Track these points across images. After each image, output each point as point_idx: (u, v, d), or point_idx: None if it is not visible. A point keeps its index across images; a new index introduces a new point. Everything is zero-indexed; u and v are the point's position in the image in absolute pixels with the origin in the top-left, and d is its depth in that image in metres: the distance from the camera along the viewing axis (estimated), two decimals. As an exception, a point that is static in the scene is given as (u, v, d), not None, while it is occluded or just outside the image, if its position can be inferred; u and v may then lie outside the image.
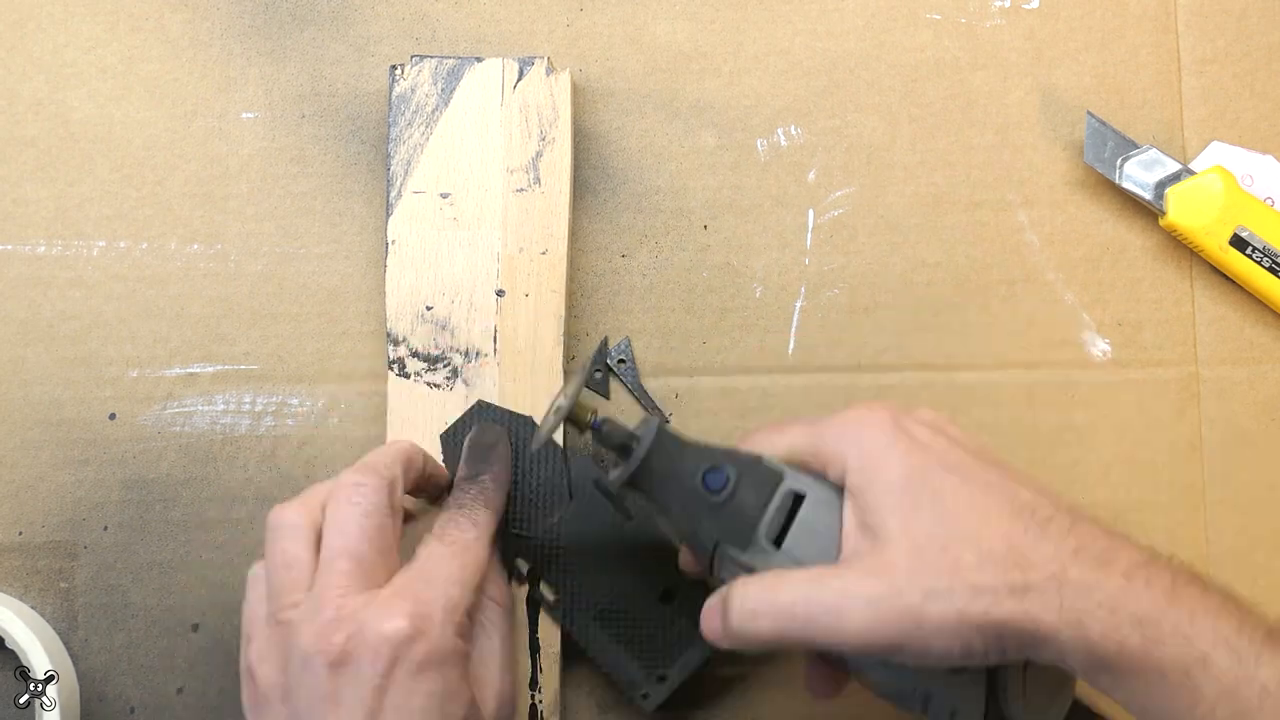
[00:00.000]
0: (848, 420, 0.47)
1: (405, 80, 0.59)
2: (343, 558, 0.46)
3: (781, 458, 0.48)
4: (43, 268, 0.61)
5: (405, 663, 0.44)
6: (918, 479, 0.45)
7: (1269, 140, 0.62)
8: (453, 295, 0.58)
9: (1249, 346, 0.61)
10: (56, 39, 0.62)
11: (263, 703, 0.46)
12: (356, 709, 0.44)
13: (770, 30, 0.63)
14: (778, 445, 0.49)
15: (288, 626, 0.45)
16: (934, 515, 0.44)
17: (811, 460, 0.48)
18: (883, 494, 0.45)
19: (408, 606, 0.45)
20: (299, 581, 0.47)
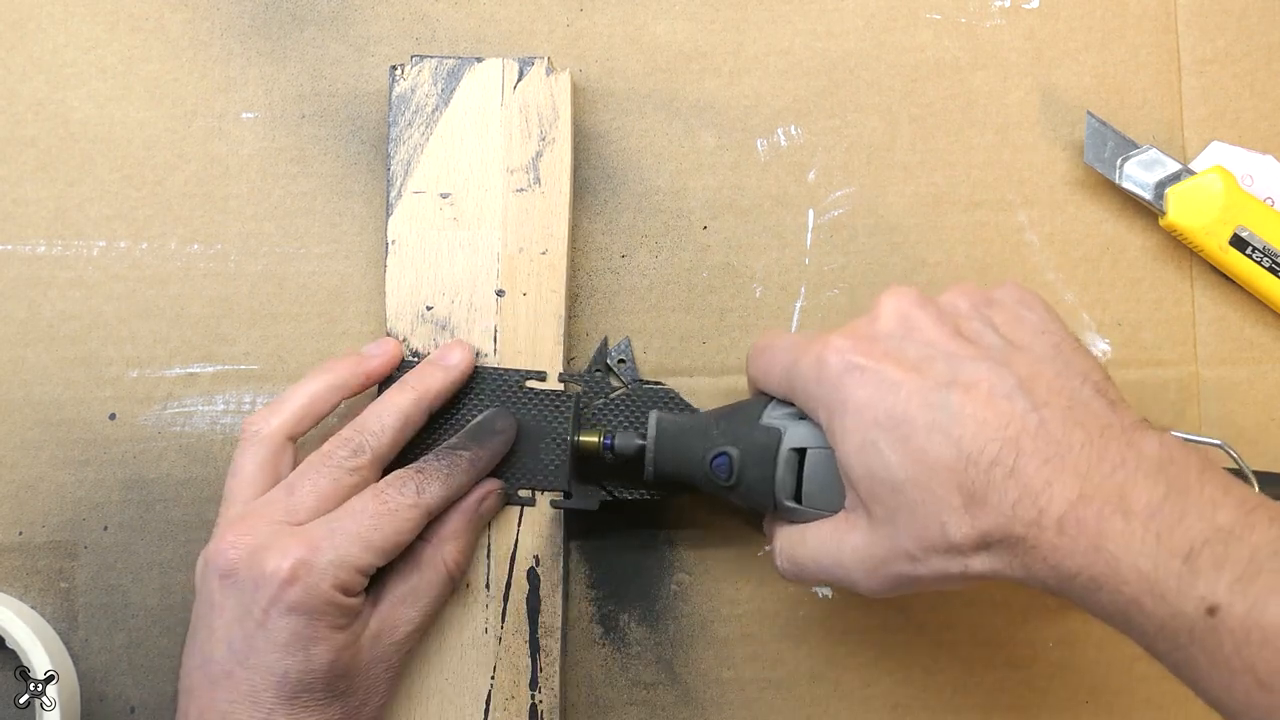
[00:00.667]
0: (806, 375, 0.48)
1: (405, 80, 0.59)
2: (285, 495, 0.51)
3: (773, 389, 0.51)
4: (43, 268, 0.61)
5: (279, 602, 0.48)
6: (869, 444, 0.45)
7: (1269, 140, 0.62)
8: (453, 295, 0.58)
9: (1249, 346, 0.61)
10: (56, 39, 0.62)
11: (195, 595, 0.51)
12: (233, 625, 0.48)
13: (770, 30, 0.63)
14: (770, 378, 0.51)
15: (216, 529, 0.52)
16: (890, 483, 0.45)
17: (793, 400, 0.50)
18: (848, 459, 0.46)
19: (297, 551, 0.48)
20: (238, 491, 0.52)
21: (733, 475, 0.50)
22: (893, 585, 0.46)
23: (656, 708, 0.59)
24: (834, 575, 0.48)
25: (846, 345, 0.47)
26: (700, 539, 0.60)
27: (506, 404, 0.57)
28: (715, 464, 0.50)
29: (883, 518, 0.46)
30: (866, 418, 0.45)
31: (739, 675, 0.59)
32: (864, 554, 0.47)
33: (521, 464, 0.56)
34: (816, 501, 0.49)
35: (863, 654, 0.59)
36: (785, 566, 0.50)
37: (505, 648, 0.56)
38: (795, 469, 0.49)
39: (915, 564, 0.45)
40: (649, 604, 0.59)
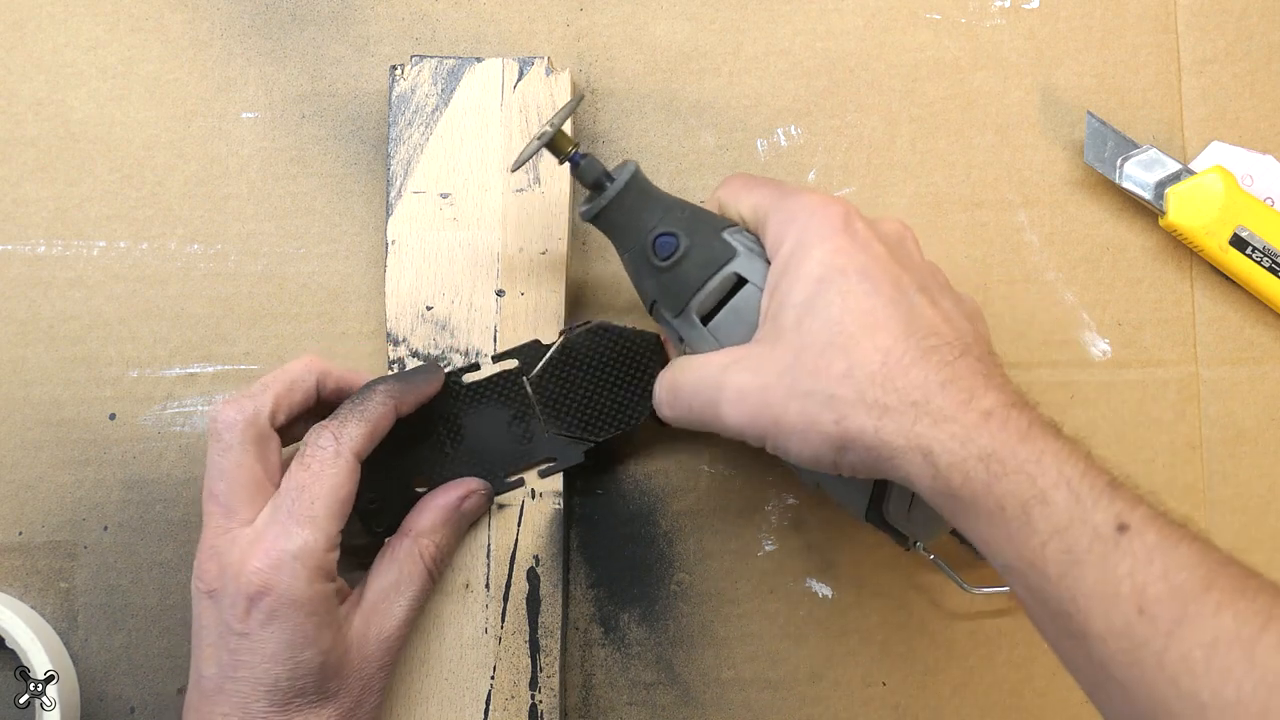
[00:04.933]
0: (803, 203, 0.49)
1: (405, 80, 0.59)
2: (210, 499, 0.50)
3: (742, 216, 0.51)
4: (43, 268, 0.61)
5: (257, 611, 0.48)
6: (828, 280, 0.46)
7: (1269, 140, 0.62)
8: (453, 295, 0.58)
9: (1249, 346, 0.61)
10: (56, 39, 0.62)
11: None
12: (218, 642, 0.48)
13: (770, 30, 0.63)
14: (742, 203, 0.51)
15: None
16: (826, 319, 0.45)
17: (760, 231, 0.50)
18: (793, 285, 0.46)
19: (261, 558, 0.48)
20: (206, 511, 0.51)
21: (670, 259, 0.50)
22: (758, 423, 0.46)
23: (656, 708, 0.59)
24: (706, 406, 0.48)
25: (853, 208, 0.49)
26: (700, 539, 0.60)
27: (455, 406, 0.56)
28: (660, 240, 0.50)
29: (789, 351, 0.46)
30: (838, 260, 0.46)
31: (739, 675, 0.59)
32: (747, 385, 0.47)
33: (495, 455, 0.56)
34: (720, 332, 0.49)
35: (863, 654, 0.59)
36: (662, 396, 0.51)
37: (505, 648, 0.56)
38: (723, 294, 0.49)
39: (793, 403, 0.45)
40: (649, 604, 0.59)
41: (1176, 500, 0.60)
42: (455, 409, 0.56)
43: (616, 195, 0.51)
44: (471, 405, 0.57)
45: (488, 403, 0.57)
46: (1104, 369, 0.61)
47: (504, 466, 0.57)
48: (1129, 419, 0.60)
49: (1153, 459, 0.60)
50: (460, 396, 0.57)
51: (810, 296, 0.46)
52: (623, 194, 0.51)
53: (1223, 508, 0.60)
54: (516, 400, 0.57)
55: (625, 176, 0.51)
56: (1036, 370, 0.61)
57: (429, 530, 0.54)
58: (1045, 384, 0.61)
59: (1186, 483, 0.60)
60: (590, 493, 0.60)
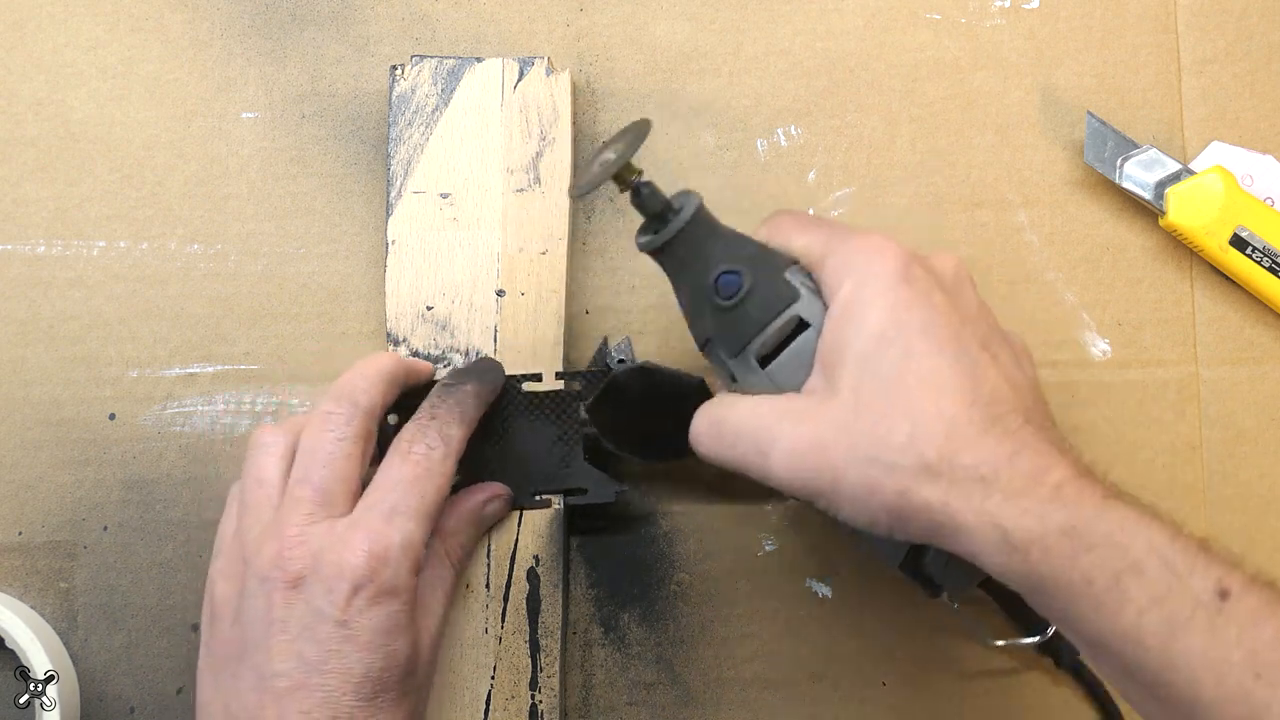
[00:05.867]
0: (859, 247, 0.46)
1: (405, 80, 0.59)
2: (305, 485, 0.48)
3: (796, 253, 0.49)
4: (43, 268, 0.61)
5: (359, 598, 0.46)
6: (888, 337, 0.44)
7: (1269, 140, 0.62)
8: (453, 295, 0.58)
9: (1249, 346, 0.61)
10: (56, 39, 0.62)
11: (216, 619, 0.48)
12: (304, 635, 0.46)
13: (770, 30, 0.63)
14: (793, 243, 0.49)
15: (251, 544, 0.48)
16: (888, 379, 0.44)
17: (815, 269, 0.48)
18: (852, 339, 0.45)
19: (365, 543, 0.46)
20: (268, 499, 0.49)
21: (735, 297, 0.47)
22: (812, 483, 0.44)
23: (656, 708, 0.59)
24: (754, 453, 0.46)
25: (909, 254, 0.46)
26: (700, 539, 0.60)
27: (506, 409, 0.56)
28: (724, 279, 0.47)
29: (848, 411, 0.44)
30: (899, 314, 0.44)
31: (739, 675, 0.59)
32: (802, 440, 0.44)
33: (531, 468, 0.56)
34: (779, 376, 0.47)
35: (863, 654, 0.59)
36: (704, 429, 0.48)
37: (505, 648, 0.56)
38: (784, 337, 0.47)
39: (852, 469, 0.43)
40: (649, 604, 0.59)
41: (1176, 500, 0.60)
42: (505, 414, 0.56)
43: (682, 229, 0.48)
44: (522, 414, 0.56)
45: (538, 416, 0.56)
46: (1104, 369, 0.61)
47: (536, 483, 0.56)
48: (1129, 419, 0.61)
49: (1153, 459, 0.60)
50: (515, 402, 0.56)
51: (870, 353, 0.44)
52: (688, 228, 0.48)
53: (1223, 508, 0.60)
54: (567, 422, 0.56)
55: (691, 210, 0.48)
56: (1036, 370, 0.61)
57: (453, 531, 0.54)
58: (1045, 384, 0.60)
59: (1186, 483, 0.60)
60: (590, 493, 0.60)
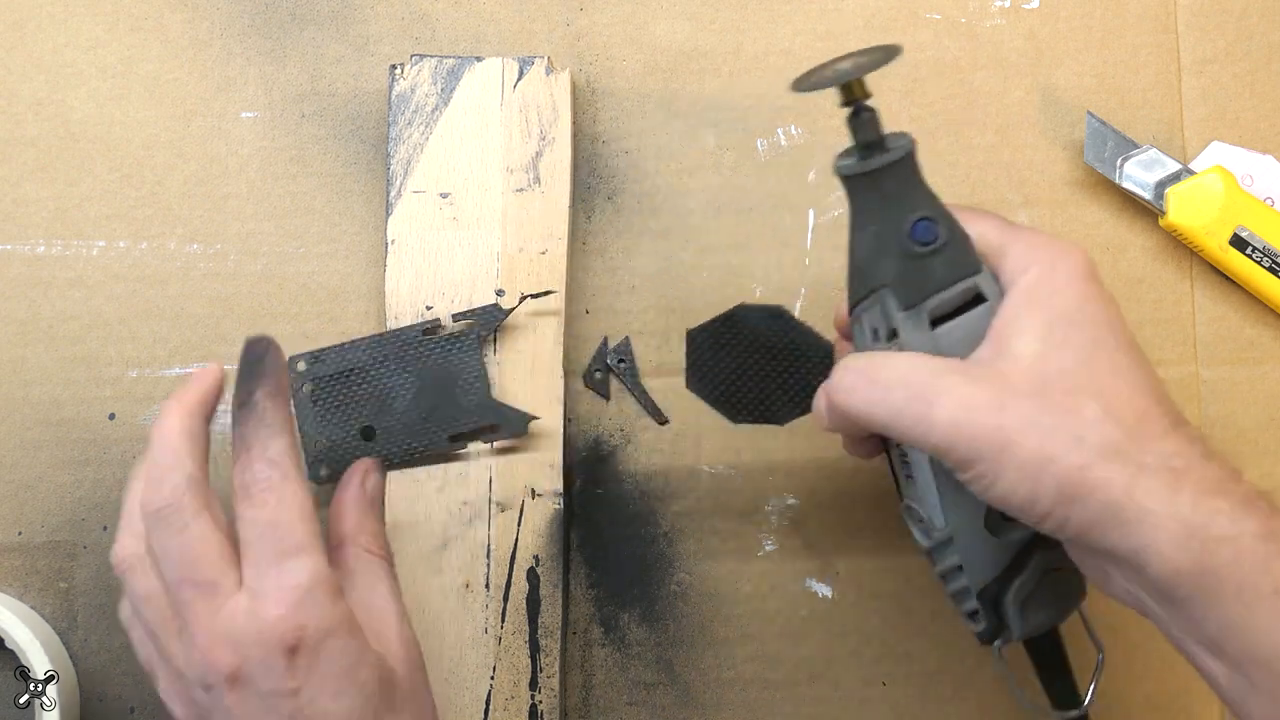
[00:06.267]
0: (1046, 240, 0.45)
1: (405, 80, 0.59)
2: (184, 586, 0.44)
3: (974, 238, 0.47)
4: (43, 268, 0.61)
5: (299, 659, 0.43)
6: (1080, 323, 0.43)
7: (1269, 140, 0.62)
8: (452, 295, 0.58)
9: (1249, 346, 0.61)
10: (56, 39, 0.62)
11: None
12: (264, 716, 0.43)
13: (770, 30, 0.63)
14: (971, 226, 0.47)
15: (178, 659, 0.45)
16: (1079, 358, 0.42)
17: (990, 255, 0.46)
18: (1040, 316, 0.43)
19: (273, 606, 0.43)
20: (162, 613, 0.46)
21: (929, 247, 0.45)
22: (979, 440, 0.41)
23: (656, 708, 0.59)
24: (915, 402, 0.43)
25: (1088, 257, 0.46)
26: (700, 539, 0.60)
27: (410, 363, 0.57)
28: (923, 224, 0.45)
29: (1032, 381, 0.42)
30: (1090, 307, 0.44)
31: (739, 675, 0.59)
32: (977, 397, 0.42)
33: (440, 415, 0.57)
34: (945, 340, 0.45)
35: (863, 654, 0.59)
36: (852, 377, 0.45)
37: (505, 648, 0.56)
38: (960, 304, 0.45)
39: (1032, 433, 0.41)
40: (649, 604, 0.59)
41: (1176, 500, 0.60)
42: (410, 365, 0.57)
43: (894, 163, 0.46)
44: (424, 366, 0.57)
45: (440, 364, 0.57)
46: (1104, 369, 0.61)
47: (447, 426, 0.57)
48: (1129, 419, 0.60)
49: (1153, 459, 0.60)
50: (417, 353, 0.57)
51: (1061, 332, 0.43)
52: (900, 163, 0.46)
53: (1223, 508, 0.60)
54: (470, 363, 0.57)
55: (907, 147, 0.46)
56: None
57: (354, 526, 0.52)
58: (1045, 384, 0.61)
59: (1186, 483, 0.60)
60: (590, 493, 0.60)
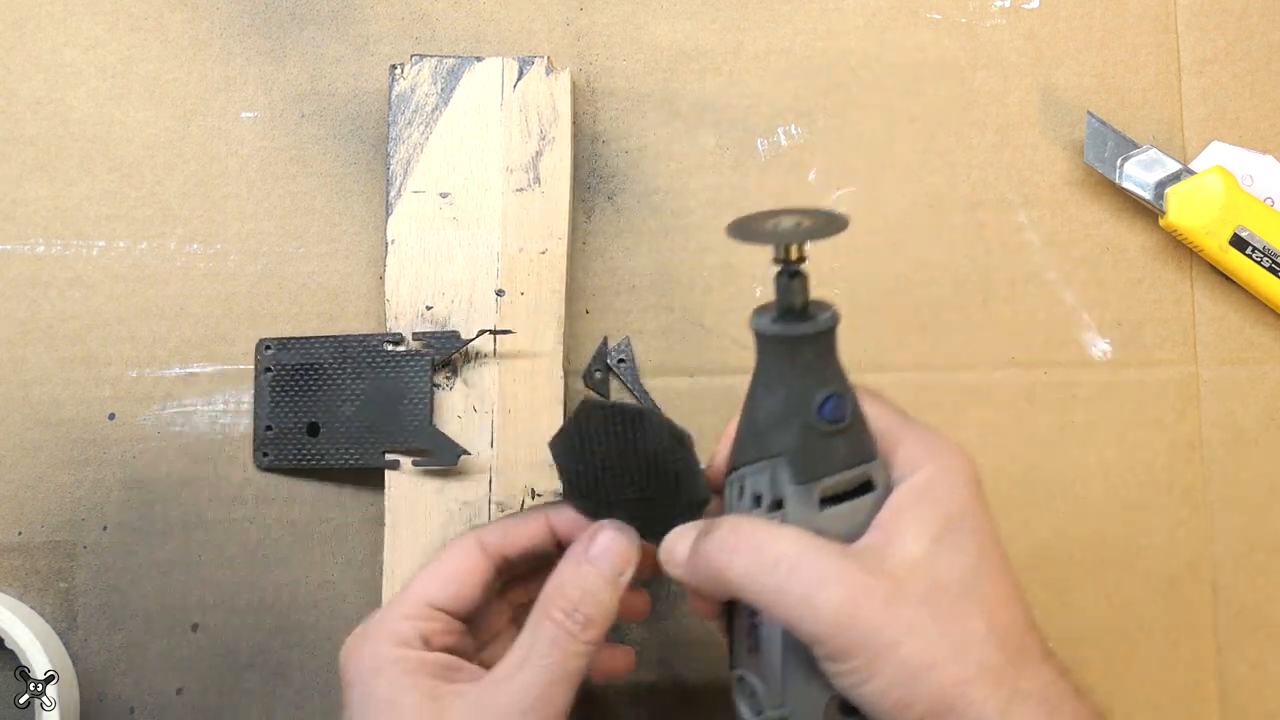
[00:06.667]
0: (938, 440, 0.44)
1: (405, 80, 0.59)
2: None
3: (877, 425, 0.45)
4: (42, 268, 0.61)
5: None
6: (968, 530, 0.42)
7: (1269, 140, 0.62)
8: (452, 295, 0.58)
9: (1249, 346, 0.61)
10: (56, 39, 0.62)
11: None
12: None
13: (770, 30, 0.63)
14: (866, 409, 0.45)
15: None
16: (967, 567, 0.41)
17: (882, 443, 0.44)
18: (934, 517, 0.42)
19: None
20: None
21: (833, 426, 0.43)
22: (854, 635, 0.40)
23: (656, 708, 0.59)
24: (797, 583, 0.41)
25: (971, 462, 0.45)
26: (700, 539, 0.60)
27: (367, 369, 0.57)
28: (831, 401, 0.43)
29: (919, 581, 0.41)
30: (977, 515, 0.43)
31: (739, 675, 0.59)
32: (864, 585, 0.40)
33: (382, 428, 0.57)
34: (831, 523, 0.43)
35: (863, 654, 0.59)
36: (738, 544, 0.42)
37: (505, 648, 0.56)
38: (852, 488, 0.44)
39: (912, 639, 0.40)
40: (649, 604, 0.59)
41: (1176, 500, 0.60)
42: (365, 373, 0.57)
43: (817, 334, 0.43)
44: (381, 373, 0.57)
45: (391, 378, 0.57)
46: (1104, 369, 0.61)
47: (385, 442, 0.57)
48: (1129, 419, 0.61)
49: (1153, 459, 0.60)
50: (373, 362, 0.57)
51: (951, 537, 0.42)
52: (822, 336, 0.44)
53: (1223, 508, 0.60)
54: (419, 385, 0.57)
55: (831, 321, 0.44)
56: (1036, 370, 0.61)
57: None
58: (1045, 384, 0.61)
59: (1186, 483, 0.60)
60: (590, 493, 0.60)
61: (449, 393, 0.57)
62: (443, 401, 0.57)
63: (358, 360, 0.57)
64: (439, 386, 0.57)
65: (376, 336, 0.57)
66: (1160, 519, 0.60)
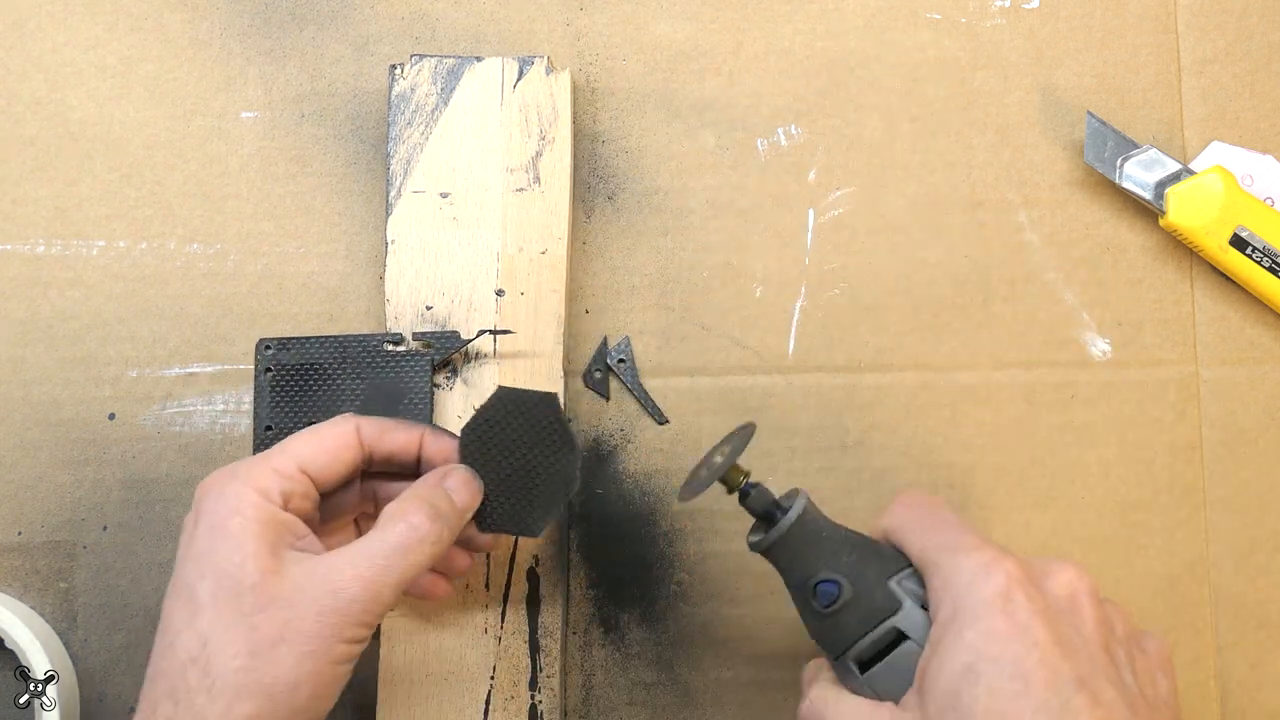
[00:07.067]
0: (964, 567, 0.45)
1: (405, 79, 0.59)
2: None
3: (910, 556, 0.47)
4: (42, 268, 0.61)
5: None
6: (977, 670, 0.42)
7: (1269, 140, 0.62)
8: (452, 295, 0.58)
9: (1249, 346, 0.61)
10: (56, 39, 0.62)
11: None
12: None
13: (770, 30, 0.63)
14: (910, 544, 0.47)
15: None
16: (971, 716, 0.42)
17: (926, 582, 0.46)
18: (943, 666, 0.43)
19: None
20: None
21: (832, 606, 0.47)
22: None
23: (656, 708, 0.59)
24: None
25: (1016, 574, 0.44)
26: (700, 539, 0.60)
27: (367, 369, 0.57)
28: (822, 586, 0.47)
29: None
30: (989, 648, 0.42)
31: (739, 675, 0.59)
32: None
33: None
34: (878, 683, 0.46)
35: (863, 654, 0.59)
36: (808, 714, 0.48)
37: (505, 648, 0.56)
38: (883, 647, 0.46)
39: None
40: (649, 604, 0.59)
41: (1176, 500, 0.60)
42: (365, 373, 0.57)
43: (787, 531, 0.48)
44: (381, 373, 0.57)
45: (394, 377, 0.57)
46: (1104, 369, 0.61)
47: None
48: (1129, 419, 0.61)
49: (1153, 459, 0.60)
50: (373, 362, 0.57)
51: (958, 686, 0.42)
52: (793, 529, 0.48)
53: (1223, 508, 0.60)
54: (419, 385, 0.57)
55: (797, 512, 0.48)
56: (1036, 370, 0.61)
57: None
58: (1045, 384, 0.61)
59: (1186, 483, 0.60)
60: (590, 493, 0.60)
61: (449, 393, 0.57)
62: (443, 401, 0.57)
63: (358, 360, 0.57)
64: (439, 386, 0.57)
65: (377, 336, 0.57)
66: (1160, 519, 0.60)
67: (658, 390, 0.61)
